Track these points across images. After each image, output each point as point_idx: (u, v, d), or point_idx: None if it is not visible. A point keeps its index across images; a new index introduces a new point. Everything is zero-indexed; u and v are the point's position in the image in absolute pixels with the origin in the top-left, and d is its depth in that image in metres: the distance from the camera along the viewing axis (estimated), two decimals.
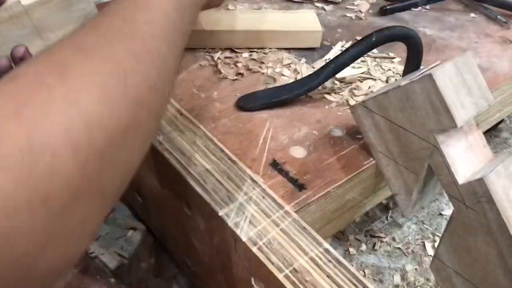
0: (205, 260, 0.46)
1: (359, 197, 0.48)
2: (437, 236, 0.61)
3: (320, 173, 0.44)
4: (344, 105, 0.53)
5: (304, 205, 0.41)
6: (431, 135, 0.39)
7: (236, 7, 0.70)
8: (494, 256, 0.38)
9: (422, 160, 0.41)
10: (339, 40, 0.65)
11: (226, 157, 0.44)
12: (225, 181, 0.42)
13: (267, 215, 0.39)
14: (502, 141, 0.79)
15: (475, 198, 0.37)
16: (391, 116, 0.42)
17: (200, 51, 0.60)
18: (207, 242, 0.43)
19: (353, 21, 0.71)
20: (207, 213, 0.40)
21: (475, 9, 0.76)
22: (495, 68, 0.61)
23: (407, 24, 0.70)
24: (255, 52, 0.61)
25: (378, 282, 0.55)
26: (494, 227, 0.37)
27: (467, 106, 0.39)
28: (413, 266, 0.57)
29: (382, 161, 0.45)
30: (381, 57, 0.62)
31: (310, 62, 0.60)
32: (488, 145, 0.43)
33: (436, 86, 0.37)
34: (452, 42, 0.67)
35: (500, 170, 0.38)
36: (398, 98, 0.41)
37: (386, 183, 0.48)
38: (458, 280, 0.42)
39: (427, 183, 0.44)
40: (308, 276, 0.35)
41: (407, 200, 0.45)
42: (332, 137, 0.48)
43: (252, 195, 0.41)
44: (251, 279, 0.38)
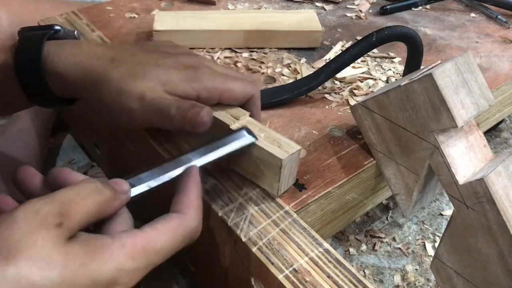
0: (205, 260, 0.46)
1: (359, 197, 0.48)
2: (438, 236, 0.61)
3: (320, 173, 0.44)
4: (344, 105, 0.53)
5: (304, 205, 0.41)
6: (432, 135, 0.39)
7: (236, 7, 0.70)
8: (494, 256, 0.38)
9: (422, 160, 0.41)
10: (339, 40, 0.65)
11: None
12: (225, 181, 0.42)
13: (267, 215, 0.39)
14: (502, 141, 0.79)
15: (476, 198, 0.37)
16: (391, 116, 0.42)
17: (200, 51, 0.60)
18: (207, 242, 0.43)
19: (353, 21, 0.70)
20: (207, 213, 0.40)
21: (475, 9, 0.76)
22: (496, 68, 0.61)
23: (407, 24, 0.70)
24: (255, 52, 0.61)
25: (378, 283, 0.55)
26: (495, 227, 0.37)
27: (468, 106, 0.39)
28: (413, 266, 0.57)
29: (382, 161, 0.45)
30: (381, 57, 0.62)
31: (310, 62, 0.60)
32: (488, 145, 0.43)
33: (436, 86, 0.37)
34: (452, 42, 0.67)
35: (500, 170, 0.37)
36: (398, 98, 0.41)
37: (386, 183, 0.47)
38: (459, 280, 0.42)
39: (427, 183, 0.44)
40: (308, 276, 0.35)
41: (407, 200, 0.45)
42: (332, 137, 0.48)
43: (252, 195, 0.41)
44: (251, 279, 0.38)
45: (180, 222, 0.31)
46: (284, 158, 0.38)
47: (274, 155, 0.38)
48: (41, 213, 0.26)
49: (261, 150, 0.39)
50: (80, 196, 0.28)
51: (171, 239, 0.30)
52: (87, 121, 0.62)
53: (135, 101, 0.38)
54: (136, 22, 0.65)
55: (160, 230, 0.30)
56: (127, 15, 0.66)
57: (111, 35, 0.61)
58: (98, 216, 0.29)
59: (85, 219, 0.28)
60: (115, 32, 0.62)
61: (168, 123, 0.38)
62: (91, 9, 0.67)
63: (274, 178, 0.39)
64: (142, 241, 0.29)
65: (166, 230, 0.30)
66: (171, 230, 0.31)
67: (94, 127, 0.60)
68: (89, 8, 0.67)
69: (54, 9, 0.68)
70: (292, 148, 0.39)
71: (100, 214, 0.29)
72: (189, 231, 0.32)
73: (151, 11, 0.67)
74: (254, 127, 0.40)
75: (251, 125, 0.40)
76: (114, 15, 0.66)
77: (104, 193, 0.30)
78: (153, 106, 0.38)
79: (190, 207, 0.32)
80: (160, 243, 0.30)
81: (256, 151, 0.39)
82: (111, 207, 0.30)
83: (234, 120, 0.40)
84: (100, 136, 0.61)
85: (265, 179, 0.40)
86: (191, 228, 0.32)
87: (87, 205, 0.28)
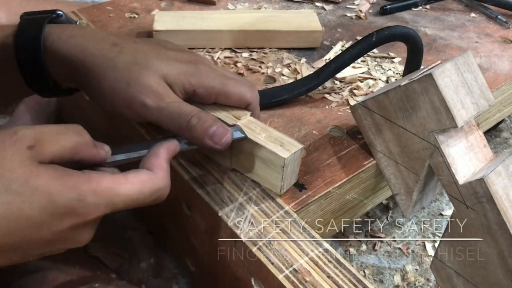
0: (205, 260, 0.46)
1: (359, 197, 0.48)
2: (438, 236, 0.61)
3: (320, 173, 0.44)
4: (344, 105, 0.53)
5: (304, 205, 0.41)
6: (432, 135, 0.39)
7: (236, 7, 0.70)
8: (494, 256, 0.38)
9: (422, 160, 0.41)
10: (339, 40, 0.65)
11: None
12: (225, 181, 0.42)
13: (267, 215, 0.39)
14: (502, 141, 0.79)
15: (476, 198, 0.37)
16: (391, 116, 0.42)
17: (200, 51, 0.60)
18: (207, 242, 0.43)
19: (353, 21, 0.70)
20: (207, 213, 0.40)
21: (475, 9, 0.76)
22: (496, 68, 0.61)
23: (407, 24, 0.70)
24: (255, 52, 0.61)
25: (378, 283, 0.55)
26: (495, 227, 0.37)
27: (468, 106, 0.39)
28: (413, 266, 0.57)
29: (382, 161, 0.45)
30: (381, 57, 0.62)
31: (310, 62, 0.60)
32: (488, 145, 0.43)
33: (436, 86, 0.37)
34: (452, 42, 0.67)
35: (500, 170, 0.37)
36: (398, 98, 0.41)
37: (386, 183, 0.47)
38: (459, 280, 0.42)
39: (427, 183, 0.44)
40: (308, 276, 0.35)
41: (407, 200, 0.45)
42: (332, 137, 0.48)
43: (252, 195, 0.41)
44: (251, 279, 0.38)
45: (149, 178, 0.32)
46: (287, 157, 0.38)
47: (277, 154, 0.38)
48: (18, 134, 0.29)
49: (264, 149, 0.39)
50: (59, 131, 0.30)
51: (137, 189, 0.31)
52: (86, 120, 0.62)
53: (150, 97, 0.38)
54: (136, 22, 0.65)
55: (129, 179, 0.31)
56: (127, 15, 0.66)
57: None
58: (73, 154, 0.30)
59: (58, 150, 0.29)
60: (115, 32, 0.62)
61: (182, 130, 0.38)
62: (91, 9, 0.67)
63: (277, 177, 0.39)
64: (109, 181, 0.30)
65: (135, 180, 0.31)
66: (140, 182, 0.32)
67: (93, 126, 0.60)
68: (89, 8, 0.67)
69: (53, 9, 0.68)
70: (294, 147, 0.39)
71: (75, 153, 0.31)
72: (156, 190, 0.32)
73: (151, 11, 0.67)
74: (255, 127, 0.40)
75: (253, 124, 0.41)
76: (114, 15, 0.66)
77: (84, 136, 0.31)
78: (171, 109, 0.38)
79: (160, 168, 0.33)
80: (126, 189, 0.31)
81: (259, 150, 0.39)
82: (87, 151, 0.31)
83: (235, 120, 0.40)
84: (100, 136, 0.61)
85: (267, 179, 0.40)
86: (159, 187, 0.33)
87: (63, 139, 0.30)
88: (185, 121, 0.37)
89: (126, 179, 0.31)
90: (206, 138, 0.37)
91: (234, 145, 0.40)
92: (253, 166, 0.41)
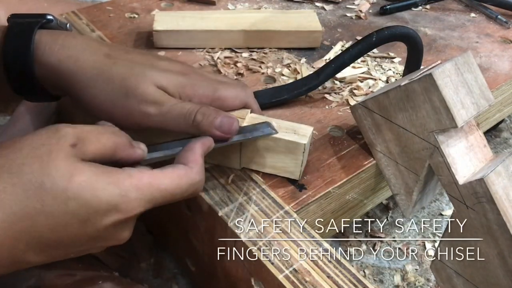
0: (205, 260, 0.46)
1: (359, 197, 0.48)
2: (438, 236, 0.61)
3: (320, 173, 0.44)
4: (344, 105, 0.53)
5: (304, 205, 0.41)
6: (432, 135, 0.39)
7: (236, 7, 0.70)
8: (494, 256, 0.38)
9: (422, 160, 0.41)
10: (339, 40, 0.65)
11: None
12: (225, 181, 0.42)
13: (267, 215, 0.39)
14: (502, 141, 0.79)
15: (476, 198, 0.37)
16: (391, 116, 0.42)
17: (200, 51, 0.60)
18: (207, 242, 0.43)
19: (353, 21, 0.70)
20: (207, 213, 0.40)
21: (475, 9, 0.76)
22: (496, 68, 0.61)
23: (407, 24, 0.70)
24: (255, 52, 0.61)
25: (378, 283, 0.55)
26: (495, 227, 0.37)
27: (468, 106, 0.39)
28: (413, 266, 0.57)
29: (382, 161, 0.45)
30: (381, 57, 0.62)
31: (310, 62, 0.60)
32: (488, 145, 0.43)
33: (436, 86, 0.37)
34: (452, 42, 0.67)
35: (500, 170, 0.37)
36: (398, 98, 0.41)
37: (386, 183, 0.47)
38: (459, 280, 0.42)
39: (427, 183, 0.44)
40: (308, 276, 0.35)
41: (407, 200, 0.45)
42: (332, 137, 0.48)
43: (252, 195, 0.41)
44: (251, 279, 0.38)
45: (186, 172, 0.33)
46: (306, 142, 0.39)
47: (296, 142, 0.39)
48: (61, 132, 0.29)
49: (280, 141, 0.40)
50: (99, 131, 0.31)
51: (175, 184, 0.32)
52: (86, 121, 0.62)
53: (151, 106, 0.38)
54: (136, 22, 0.65)
55: (167, 174, 0.32)
56: (127, 15, 0.66)
57: (111, 35, 0.61)
58: (112, 154, 0.31)
59: (99, 150, 0.31)
60: (115, 32, 0.62)
61: (190, 128, 0.38)
62: (91, 9, 0.67)
63: (296, 164, 0.41)
64: (149, 177, 0.31)
65: (173, 175, 0.33)
66: (177, 176, 0.33)
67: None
68: (89, 8, 0.67)
69: (53, 7, 0.68)
70: (307, 131, 0.41)
71: (114, 153, 0.32)
72: (192, 184, 0.34)
73: (151, 11, 0.67)
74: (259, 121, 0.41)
75: (256, 120, 0.41)
76: (114, 15, 0.66)
77: (121, 137, 0.33)
78: (174, 112, 0.38)
79: (195, 162, 0.34)
80: (165, 184, 0.32)
81: (275, 143, 0.40)
82: (125, 151, 0.32)
83: (241, 120, 0.41)
84: None
85: (285, 168, 0.42)
86: (195, 181, 0.34)
87: (104, 138, 0.31)
88: (191, 120, 0.38)
89: (164, 175, 0.32)
90: (215, 131, 0.37)
91: (244, 144, 0.41)
92: (268, 160, 0.41)
